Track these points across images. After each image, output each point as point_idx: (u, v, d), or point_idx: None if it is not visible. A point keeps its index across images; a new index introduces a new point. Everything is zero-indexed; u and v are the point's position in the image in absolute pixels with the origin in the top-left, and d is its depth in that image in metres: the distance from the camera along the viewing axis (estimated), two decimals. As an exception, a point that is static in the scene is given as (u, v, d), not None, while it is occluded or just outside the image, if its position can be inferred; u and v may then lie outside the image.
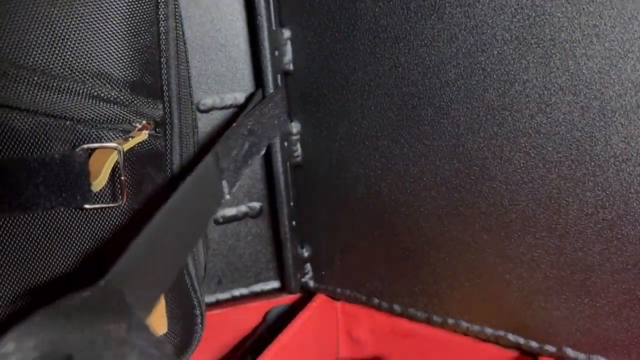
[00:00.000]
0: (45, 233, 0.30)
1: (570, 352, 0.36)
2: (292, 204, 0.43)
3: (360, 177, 0.40)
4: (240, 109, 0.41)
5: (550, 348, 0.37)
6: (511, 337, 0.38)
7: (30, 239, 0.30)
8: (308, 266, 0.46)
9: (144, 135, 0.30)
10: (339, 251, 0.43)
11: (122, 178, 0.30)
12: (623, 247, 0.32)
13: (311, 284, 0.46)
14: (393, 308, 0.42)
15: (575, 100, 0.31)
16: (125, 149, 0.29)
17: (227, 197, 0.33)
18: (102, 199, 0.30)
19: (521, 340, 0.38)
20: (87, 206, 0.30)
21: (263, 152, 0.39)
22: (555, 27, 0.30)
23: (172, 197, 0.28)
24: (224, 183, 0.33)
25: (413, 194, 0.38)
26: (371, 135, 0.38)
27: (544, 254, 0.35)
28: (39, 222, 0.30)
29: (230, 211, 0.43)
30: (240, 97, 0.40)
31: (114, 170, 0.30)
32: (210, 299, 0.45)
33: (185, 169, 0.34)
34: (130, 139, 0.30)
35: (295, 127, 0.42)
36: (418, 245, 0.39)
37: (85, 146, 0.29)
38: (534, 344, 0.37)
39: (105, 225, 0.31)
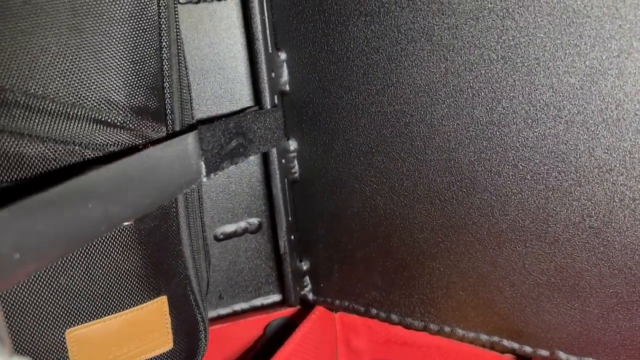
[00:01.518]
0: None
1: (562, 355, 0.37)
2: (290, 219, 0.44)
3: (356, 192, 0.41)
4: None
5: (544, 352, 0.38)
6: (506, 342, 0.39)
7: None
8: (307, 279, 0.47)
9: None
10: (337, 264, 0.44)
11: None
12: (609, 252, 0.33)
13: (310, 296, 0.47)
14: (390, 318, 0.43)
15: (560, 115, 0.32)
16: None
17: (204, 179, 0.34)
18: None
19: (515, 346, 0.39)
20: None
21: (250, 157, 0.40)
22: (538, 47, 0.32)
23: (140, 152, 0.28)
24: (202, 164, 0.34)
25: (407, 207, 0.39)
26: (366, 152, 0.39)
27: (534, 262, 0.36)
28: None
29: (230, 227, 0.44)
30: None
31: None
32: (212, 314, 0.45)
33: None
34: None
35: (292, 144, 0.43)
36: (413, 257, 0.40)
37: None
38: (527, 349, 0.38)
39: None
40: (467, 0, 0.33)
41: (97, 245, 0.32)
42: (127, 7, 0.30)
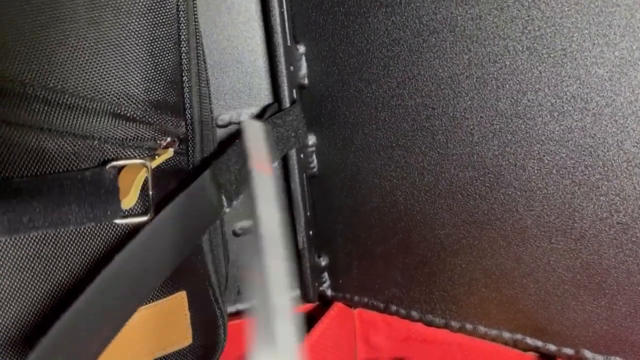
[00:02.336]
0: (76, 247, 0.31)
1: (588, 354, 0.36)
2: (309, 214, 0.44)
3: (375, 187, 0.40)
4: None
5: (569, 350, 0.37)
6: (529, 340, 0.38)
7: (59, 253, 0.30)
8: (325, 275, 0.46)
9: (170, 153, 0.31)
10: (356, 260, 0.44)
11: (151, 193, 0.30)
12: (638, 249, 0.32)
13: (329, 292, 0.47)
14: (411, 314, 0.43)
15: (587, 107, 0.31)
16: (153, 166, 0.30)
17: (227, 210, 0.34)
18: (131, 214, 0.31)
19: (539, 344, 0.38)
20: (117, 221, 0.30)
21: (275, 164, 0.40)
22: (565, 37, 0.31)
23: (161, 213, 0.29)
24: (223, 198, 0.34)
25: (428, 203, 0.38)
26: (386, 146, 0.39)
27: (559, 258, 0.35)
28: (69, 237, 0.30)
29: (248, 223, 0.44)
30: (256, 112, 0.41)
31: (143, 186, 0.30)
32: (230, 309, 0.45)
33: None
34: (156, 156, 0.30)
35: (311, 139, 0.42)
36: (434, 253, 0.39)
37: (114, 163, 0.30)
38: (552, 347, 0.38)
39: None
40: (491, -11, 0.32)
41: (117, 242, 0.32)
42: (145, 0, 0.29)
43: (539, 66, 0.32)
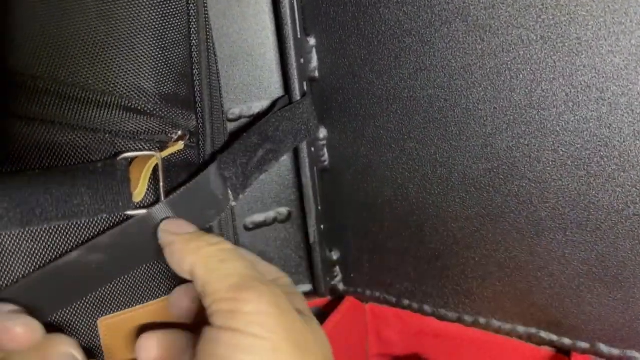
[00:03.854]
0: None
1: (603, 348, 0.36)
2: (320, 208, 0.44)
3: (387, 180, 0.40)
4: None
5: (584, 344, 0.37)
6: (544, 334, 0.38)
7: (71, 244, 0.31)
8: (337, 269, 0.46)
9: (180, 145, 0.31)
10: (368, 254, 0.44)
11: (162, 184, 0.30)
12: (655, 241, 0.32)
13: (340, 287, 0.46)
14: (423, 309, 0.43)
15: (603, 97, 0.31)
16: (162, 156, 0.30)
17: (233, 203, 0.35)
18: (142, 206, 0.31)
19: (554, 338, 0.38)
20: (128, 213, 0.30)
21: (283, 157, 0.40)
22: (580, 25, 0.30)
23: (163, 201, 0.30)
24: (229, 191, 0.34)
25: (441, 195, 0.38)
26: (398, 139, 0.39)
27: (575, 251, 0.35)
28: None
29: (259, 217, 0.44)
30: (267, 105, 0.41)
31: (155, 177, 0.30)
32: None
33: None
34: (167, 148, 0.31)
35: (322, 132, 0.42)
36: (447, 246, 0.39)
37: (125, 155, 0.30)
38: (567, 341, 0.37)
39: None
40: (504, -22, 0.32)
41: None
42: None
43: (554, 56, 0.32)
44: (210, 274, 0.27)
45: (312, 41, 0.40)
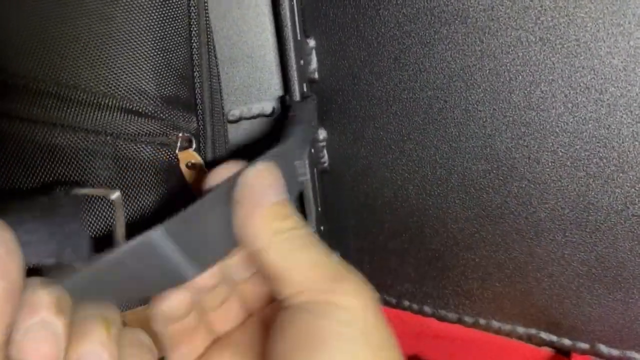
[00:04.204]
0: None
1: (603, 348, 0.36)
2: (320, 209, 0.44)
3: (387, 181, 0.40)
4: (267, 117, 0.42)
5: (584, 345, 0.37)
6: (544, 335, 0.38)
7: None
8: (337, 270, 0.46)
9: (191, 153, 0.31)
10: (368, 255, 0.44)
11: (119, 230, 0.28)
12: (654, 242, 0.32)
13: (340, 288, 0.47)
14: (423, 310, 0.43)
15: (602, 99, 0.31)
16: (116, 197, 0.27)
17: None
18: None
19: (554, 338, 0.38)
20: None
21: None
22: (579, 27, 0.31)
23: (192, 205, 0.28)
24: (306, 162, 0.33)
25: (441, 196, 0.38)
26: (397, 140, 0.39)
27: (574, 252, 0.35)
28: None
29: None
30: (267, 107, 0.41)
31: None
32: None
33: None
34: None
35: (321, 133, 0.42)
36: (447, 247, 0.39)
37: (77, 191, 0.27)
38: (566, 342, 0.37)
39: None
40: (503, -20, 0.32)
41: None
42: None
43: (552, 57, 0.32)
44: (293, 263, 0.25)
45: (311, 43, 0.40)
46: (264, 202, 0.25)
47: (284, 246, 0.25)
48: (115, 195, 0.25)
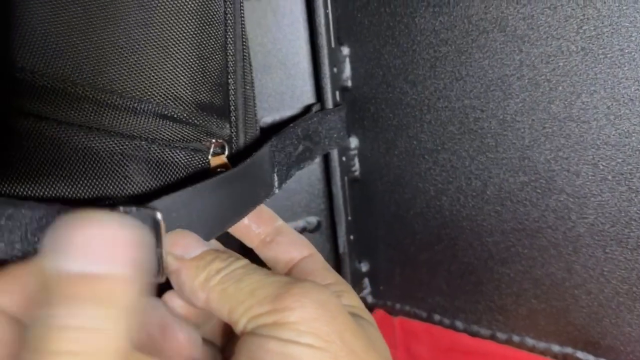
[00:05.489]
0: None
1: (644, 370, 0.35)
2: (350, 218, 0.44)
3: (420, 192, 0.40)
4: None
5: (623, 366, 0.36)
6: (580, 354, 0.38)
7: None
8: (366, 281, 0.46)
9: (222, 159, 0.32)
10: (398, 266, 0.44)
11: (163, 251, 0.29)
12: (701, 261, 0.32)
13: (369, 299, 0.47)
14: (455, 325, 0.42)
15: (646, 111, 0.31)
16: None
17: (277, 191, 0.34)
18: None
19: (591, 358, 0.37)
20: None
21: (316, 159, 0.40)
22: (623, 37, 0.30)
23: (223, 175, 0.29)
24: (275, 177, 0.34)
25: (476, 209, 0.38)
26: (431, 149, 0.39)
27: (614, 269, 0.34)
28: None
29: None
30: (299, 115, 0.42)
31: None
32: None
33: None
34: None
35: (353, 142, 0.43)
36: (481, 261, 0.39)
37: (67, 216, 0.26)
38: (605, 362, 0.37)
39: None
40: (544, -12, 0.32)
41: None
42: (194, 2, 0.30)
43: (595, 67, 0.31)
44: (232, 299, 0.25)
45: (345, 50, 0.40)
46: (185, 256, 0.27)
47: (217, 288, 0.26)
48: (159, 215, 0.26)
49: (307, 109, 0.42)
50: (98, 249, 0.19)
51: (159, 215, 0.26)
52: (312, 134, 0.38)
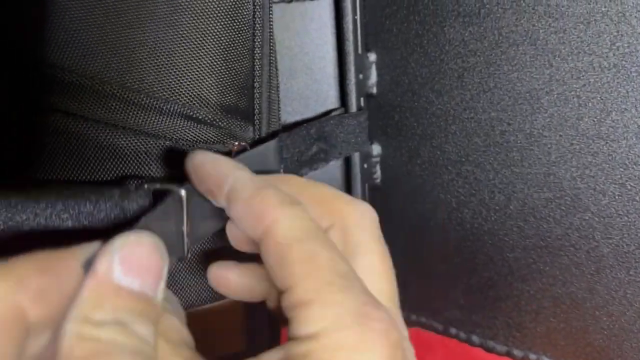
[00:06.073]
0: None
1: (664, 397, 0.35)
2: (369, 226, 0.44)
3: (441, 203, 0.40)
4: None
5: (643, 392, 0.36)
6: (599, 377, 0.37)
7: None
8: (382, 290, 0.46)
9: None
10: (416, 277, 0.44)
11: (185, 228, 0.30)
12: None
13: (385, 309, 0.47)
14: (471, 339, 0.42)
15: (679, 132, 0.31)
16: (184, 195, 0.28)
17: None
18: None
19: (609, 382, 0.37)
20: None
21: (331, 162, 0.41)
22: (658, 55, 0.30)
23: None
24: (282, 172, 0.34)
25: (498, 223, 0.38)
26: (455, 160, 0.39)
27: (637, 292, 0.34)
28: None
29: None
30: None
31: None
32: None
33: None
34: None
35: (375, 149, 0.43)
36: (501, 276, 0.39)
37: (150, 185, 0.28)
38: (624, 387, 0.36)
39: None
40: (578, 3, 0.32)
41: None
42: (224, 5, 0.31)
43: (627, 85, 0.31)
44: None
45: (372, 57, 0.41)
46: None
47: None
48: (184, 191, 0.27)
49: (328, 113, 0.42)
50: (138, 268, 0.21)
51: (183, 192, 0.27)
52: (328, 135, 0.38)
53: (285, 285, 0.22)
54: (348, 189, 0.44)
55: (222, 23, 0.31)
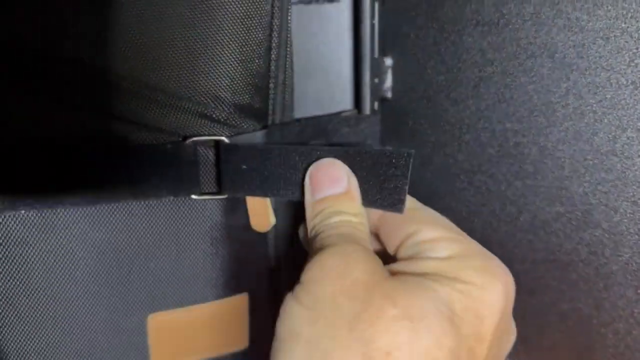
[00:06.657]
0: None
1: (668, 419, 0.35)
2: (377, 231, 0.45)
3: (451, 211, 0.41)
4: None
5: (646, 412, 0.36)
6: (602, 395, 0.38)
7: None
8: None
9: None
10: (422, 284, 0.44)
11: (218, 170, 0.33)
12: None
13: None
14: (475, 349, 0.43)
15: (695, 152, 0.31)
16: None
17: None
18: (206, 191, 0.34)
19: (613, 400, 0.37)
20: (194, 197, 0.33)
21: None
22: (677, 74, 0.30)
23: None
24: None
25: (508, 234, 0.38)
26: (467, 170, 0.39)
27: (646, 311, 0.34)
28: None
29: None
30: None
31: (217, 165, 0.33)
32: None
33: None
34: None
35: (388, 154, 0.43)
36: (508, 288, 0.39)
37: (195, 139, 0.33)
38: (627, 406, 0.37)
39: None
40: (598, 18, 0.32)
41: (190, 235, 0.35)
42: (242, 6, 0.31)
43: (644, 103, 0.31)
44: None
45: (388, 61, 0.41)
46: None
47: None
48: (225, 139, 0.33)
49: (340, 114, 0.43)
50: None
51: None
52: (330, 133, 0.40)
53: (409, 232, 0.31)
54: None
55: (240, 24, 0.32)
